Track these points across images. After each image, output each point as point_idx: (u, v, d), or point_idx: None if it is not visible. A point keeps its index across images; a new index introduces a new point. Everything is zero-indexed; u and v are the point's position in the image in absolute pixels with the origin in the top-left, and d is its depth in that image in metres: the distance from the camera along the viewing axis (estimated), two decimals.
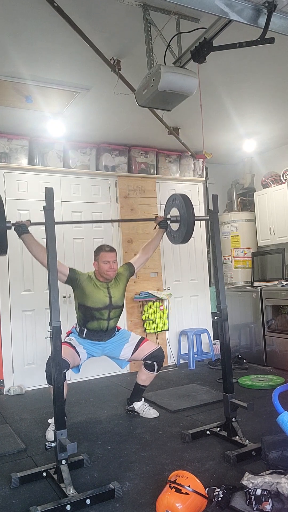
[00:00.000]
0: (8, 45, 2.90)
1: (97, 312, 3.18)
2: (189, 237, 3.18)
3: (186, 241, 3.22)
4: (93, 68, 3.24)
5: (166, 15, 2.63)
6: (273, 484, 2.01)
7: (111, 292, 3.24)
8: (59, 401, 2.32)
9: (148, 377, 3.39)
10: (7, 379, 4.37)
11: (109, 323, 3.25)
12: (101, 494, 2.14)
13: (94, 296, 3.18)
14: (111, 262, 3.19)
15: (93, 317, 3.19)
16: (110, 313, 3.23)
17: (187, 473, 2.05)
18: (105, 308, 3.20)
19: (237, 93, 3.88)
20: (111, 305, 3.22)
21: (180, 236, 3.21)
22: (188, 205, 3.10)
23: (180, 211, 3.18)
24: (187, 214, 3.08)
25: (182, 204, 3.13)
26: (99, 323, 3.21)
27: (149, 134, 4.82)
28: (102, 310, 3.19)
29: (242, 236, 5.89)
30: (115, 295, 3.26)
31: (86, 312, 3.20)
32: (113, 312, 3.25)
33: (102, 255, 3.20)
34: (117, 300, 3.26)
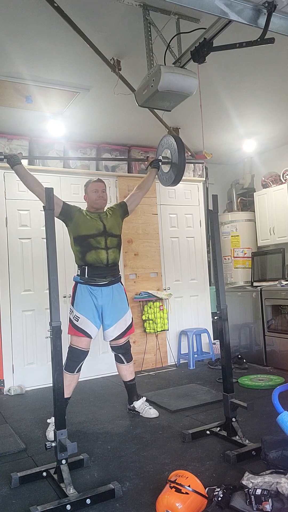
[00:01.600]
0: (8, 45, 2.91)
1: (93, 240, 3.14)
2: (179, 179, 3.22)
3: (177, 183, 3.28)
4: (93, 68, 3.24)
5: (166, 15, 2.63)
6: (273, 484, 2.02)
7: (104, 220, 3.24)
8: (59, 401, 2.32)
9: (126, 370, 3.39)
10: (7, 379, 4.37)
11: (108, 254, 3.18)
12: (101, 494, 2.14)
13: (87, 224, 3.18)
14: (100, 191, 3.26)
15: (90, 246, 3.14)
16: (107, 241, 3.18)
17: (187, 473, 2.05)
18: (100, 234, 3.17)
19: (237, 93, 3.89)
20: (106, 232, 3.19)
21: (170, 177, 3.27)
22: (180, 146, 3.14)
23: (172, 152, 3.22)
24: (179, 155, 3.12)
25: (173, 146, 3.17)
26: (98, 253, 3.15)
27: (149, 134, 4.82)
28: (97, 237, 3.15)
29: (242, 236, 5.90)
30: (109, 223, 3.24)
31: (82, 242, 3.16)
32: (110, 241, 3.20)
33: (91, 185, 3.28)
34: (111, 227, 3.23)
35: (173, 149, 3.19)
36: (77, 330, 3.14)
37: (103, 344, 4.73)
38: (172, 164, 3.23)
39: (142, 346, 4.95)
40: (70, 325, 3.19)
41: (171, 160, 3.25)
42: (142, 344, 4.96)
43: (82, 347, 3.13)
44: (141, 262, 5.11)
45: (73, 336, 3.17)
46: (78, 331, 3.13)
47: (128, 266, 5.00)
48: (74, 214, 3.20)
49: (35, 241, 4.56)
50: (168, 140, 3.30)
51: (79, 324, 3.14)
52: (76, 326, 3.14)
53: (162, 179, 3.44)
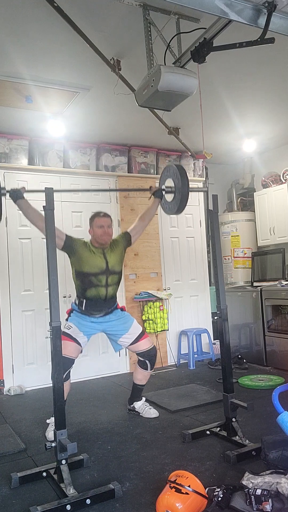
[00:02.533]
0: (8, 45, 2.91)
1: (94, 278, 3.14)
2: (183, 207, 3.20)
3: (181, 211, 3.25)
4: (93, 68, 3.24)
5: (166, 15, 2.63)
6: (273, 484, 2.02)
7: (107, 257, 3.22)
8: (59, 401, 2.32)
9: (144, 376, 3.41)
10: (7, 379, 4.37)
11: (108, 290, 3.20)
12: (101, 494, 2.14)
13: (90, 261, 3.16)
14: (106, 226, 3.19)
15: (91, 284, 3.15)
16: (108, 279, 3.19)
17: (187, 473, 2.05)
18: (102, 273, 3.16)
19: (237, 93, 3.88)
20: (108, 270, 3.19)
21: (174, 206, 3.24)
22: (183, 175, 3.12)
23: (175, 181, 3.19)
24: (182, 184, 3.10)
25: (176, 174, 3.14)
26: (98, 290, 3.16)
27: (149, 134, 4.82)
28: (99, 275, 3.15)
29: (242, 236, 5.89)
30: (112, 260, 3.22)
31: (83, 279, 3.16)
32: (111, 278, 3.21)
33: (97, 220, 3.21)
34: (114, 265, 3.23)
35: (176, 178, 3.17)
36: (66, 336, 3.08)
37: (103, 344, 4.73)
38: (175, 193, 3.21)
39: None
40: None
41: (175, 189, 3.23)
42: None
43: (67, 354, 2.97)
44: (141, 262, 5.11)
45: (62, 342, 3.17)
46: (67, 337, 3.09)
47: (128, 266, 5.00)
48: (78, 249, 3.17)
49: (35, 241, 4.56)
50: (170, 169, 3.28)
51: (70, 332, 3.14)
52: (66, 333, 3.11)
53: (165, 208, 3.42)
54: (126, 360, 4.94)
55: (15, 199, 2.92)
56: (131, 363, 4.87)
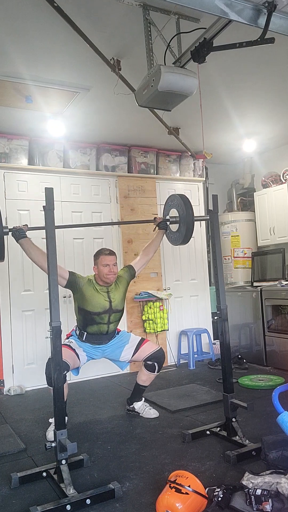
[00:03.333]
0: (8, 45, 2.90)
1: (97, 317, 3.16)
2: (189, 238, 3.15)
3: (186, 242, 3.19)
4: (93, 68, 3.24)
5: (166, 15, 2.63)
6: (273, 484, 2.02)
7: (111, 296, 3.22)
8: (59, 401, 2.32)
9: (149, 378, 3.40)
10: (7, 379, 4.37)
11: (109, 327, 3.23)
12: (101, 494, 2.14)
13: (94, 300, 3.15)
14: (111, 265, 3.16)
15: (93, 321, 3.17)
16: (110, 317, 3.21)
17: (187, 473, 2.05)
18: (105, 312, 3.18)
19: (237, 93, 3.88)
20: (111, 310, 3.20)
21: (179, 237, 3.19)
22: (187, 205, 3.07)
23: (179, 211, 3.15)
24: (186, 214, 3.05)
25: (181, 205, 3.10)
26: (99, 327, 3.19)
27: (149, 134, 4.82)
28: (102, 314, 3.17)
29: (242, 236, 5.89)
30: (115, 298, 3.23)
31: (86, 316, 3.18)
32: (113, 316, 3.23)
33: (102, 258, 3.17)
34: (117, 304, 3.24)
35: (180, 209, 3.13)
36: (66, 345, 3.11)
37: None
38: (180, 224, 3.16)
39: None
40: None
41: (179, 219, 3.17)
42: None
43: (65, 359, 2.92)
44: None
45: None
46: (67, 346, 3.12)
47: None
48: (82, 286, 3.15)
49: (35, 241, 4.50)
50: (174, 199, 3.24)
51: (71, 345, 3.18)
52: (67, 344, 3.15)
53: (170, 238, 3.38)
54: None
55: (17, 238, 2.89)
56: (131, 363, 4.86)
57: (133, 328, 4.87)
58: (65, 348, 3.02)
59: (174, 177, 5.45)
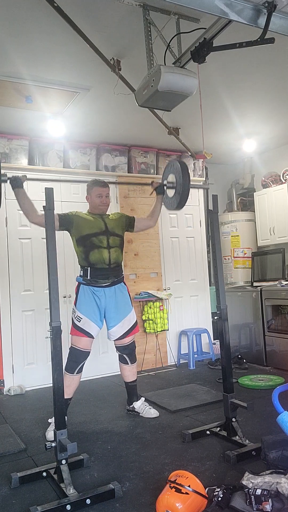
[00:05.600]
0: (8, 45, 2.91)
1: (95, 239, 3.17)
2: (183, 203, 3.21)
3: (181, 207, 3.25)
4: (93, 68, 3.24)
5: (166, 15, 2.63)
6: (273, 484, 2.01)
7: (106, 221, 3.27)
8: (59, 401, 2.32)
9: (129, 371, 3.40)
10: (7, 379, 4.37)
11: (110, 253, 3.21)
12: (101, 494, 2.14)
13: (89, 223, 3.20)
14: (104, 196, 3.24)
15: (93, 245, 3.17)
16: (109, 240, 3.21)
17: (187, 473, 2.05)
18: (103, 233, 3.20)
19: (237, 93, 3.88)
20: (108, 231, 3.22)
21: (175, 201, 3.26)
22: (185, 171, 3.13)
23: (176, 177, 3.21)
24: (183, 180, 3.12)
25: (178, 171, 3.16)
26: (100, 252, 3.17)
27: (149, 134, 4.82)
28: (99, 235, 3.18)
29: (242, 236, 5.90)
30: (111, 223, 3.27)
31: (85, 242, 3.18)
32: (112, 240, 3.23)
33: (95, 189, 3.24)
34: (113, 227, 3.26)
35: (178, 174, 3.20)
36: (79, 330, 3.15)
37: (103, 344, 4.73)
38: (176, 189, 3.24)
39: (142, 346, 4.94)
40: (72, 325, 3.20)
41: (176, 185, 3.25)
42: (142, 344, 4.95)
43: (81, 347, 3.13)
44: (141, 262, 5.11)
45: (74, 336, 3.18)
46: (80, 332, 3.15)
47: (128, 266, 5.00)
48: (73, 220, 3.21)
49: (35, 241, 4.56)
50: (173, 165, 3.31)
51: (81, 325, 3.15)
52: (78, 327, 3.15)
53: (166, 203, 3.45)
54: None
55: (14, 187, 2.96)
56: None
57: None
58: (78, 337, 3.12)
59: None
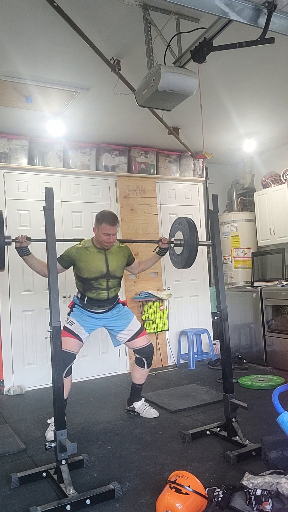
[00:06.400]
0: (8, 45, 2.90)
1: (94, 282, 3.13)
2: (191, 263, 3.18)
3: (188, 267, 3.23)
4: (93, 68, 3.24)
5: (166, 15, 2.63)
6: (273, 484, 2.01)
7: (109, 258, 3.19)
8: (59, 401, 2.32)
9: (141, 375, 3.39)
10: (7, 379, 4.37)
11: (109, 293, 3.20)
12: (101, 494, 2.14)
13: (90, 264, 3.12)
14: (111, 235, 3.13)
15: (92, 287, 3.15)
16: (109, 283, 3.18)
17: (187, 473, 2.05)
18: (103, 277, 3.15)
19: (237, 93, 3.88)
20: (108, 274, 3.17)
21: (182, 260, 3.23)
22: (193, 230, 3.10)
23: (185, 235, 3.18)
24: (191, 239, 3.10)
25: (186, 230, 3.14)
26: (98, 293, 3.16)
27: (149, 134, 4.82)
28: (99, 279, 3.14)
29: (242, 236, 5.89)
30: (113, 263, 3.20)
31: (84, 282, 3.16)
32: (112, 282, 3.20)
33: (104, 226, 3.11)
34: (115, 269, 3.20)
35: (186, 233, 3.17)
36: (69, 332, 3.14)
37: (103, 344, 4.73)
38: (184, 248, 3.20)
39: None
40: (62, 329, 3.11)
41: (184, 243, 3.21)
42: None
43: (69, 349, 3.06)
44: None
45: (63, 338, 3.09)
46: (70, 333, 3.13)
47: None
48: (75, 258, 3.13)
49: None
50: (181, 223, 3.26)
51: (73, 328, 3.16)
52: (68, 329, 3.15)
53: (173, 260, 3.40)
54: (126, 360, 4.94)
55: (21, 255, 2.97)
56: (131, 363, 4.86)
57: None
58: (67, 338, 3.08)
59: (174, 177, 5.45)
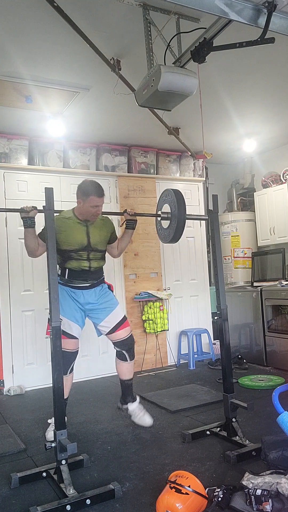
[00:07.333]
0: (8, 45, 2.90)
1: (74, 254, 2.95)
2: (178, 237, 2.96)
3: (176, 241, 3.01)
4: (93, 68, 3.24)
5: (166, 15, 2.63)
6: (273, 484, 2.01)
7: (90, 231, 2.99)
8: (59, 401, 2.32)
9: (126, 369, 3.16)
10: (7, 379, 4.37)
11: (91, 263, 3.00)
12: (101, 494, 2.14)
13: (71, 236, 2.93)
14: (100, 206, 2.93)
15: (71, 258, 2.96)
16: (90, 255, 2.99)
17: (187, 473, 2.05)
18: (83, 249, 2.96)
19: (237, 93, 3.88)
20: (89, 247, 2.98)
21: (169, 234, 3.03)
22: (180, 202, 2.89)
23: (172, 208, 2.96)
24: (178, 211, 2.86)
25: (173, 201, 2.93)
26: (79, 263, 2.97)
27: (149, 134, 4.82)
28: (79, 251, 2.96)
29: (242, 236, 5.90)
30: (95, 236, 3.00)
31: (63, 254, 2.96)
32: (93, 254, 3.01)
33: (92, 199, 2.89)
34: (96, 243, 3.01)
35: (173, 205, 2.94)
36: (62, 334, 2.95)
37: (103, 344, 4.72)
38: (171, 220, 2.97)
39: (142, 346, 4.94)
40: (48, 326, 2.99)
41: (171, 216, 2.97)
42: (142, 344, 4.95)
43: (69, 349, 2.95)
44: (141, 262, 5.11)
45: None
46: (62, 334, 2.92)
47: (128, 266, 5.00)
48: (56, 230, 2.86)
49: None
50: (168, 194, 3.04)
51: (64, 328, 2.87)
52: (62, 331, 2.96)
53: (161, 235, 3.18)
54: None
55: (26, 226, 2.84)
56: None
57: (133, 328, 4.85)
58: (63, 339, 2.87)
59: (174, 177, 5.44)
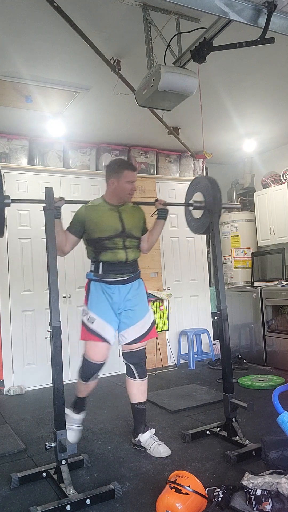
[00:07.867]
0: (8, 45, 2.90)
1: (109, 242, 2.63)
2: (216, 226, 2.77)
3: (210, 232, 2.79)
4: (93, 68, 3.24)
5: (166, 15, 2.63)
6: (273, 484, 2.01)
7: (124, 216, 2.71)
8: (59, 401, 2.31)
9: (137, 389, 2.76)
10: (7, 379, 4.37)
11: (127, 253, 2.69)
12: (101, 494, 2.14)
13: (102, 222, 2.65)
14: (135, 181, 2.70)
15: (106, 247, 2.64)
16: (126, 242, 2.68)
17: (187, 473, 2.05)
18: (118, 236, 2.65)
19: (237, 93, 3.88)
20: (124, 233, 2.67)
21: (203, 225, 2.83)
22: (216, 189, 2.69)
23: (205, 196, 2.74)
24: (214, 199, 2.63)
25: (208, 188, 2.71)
26: (115, 253, 2.64)
27: (149, 134, 4.82)
28: (114, 238, 2.64)
29: (242, 236, 5.89)
30: (128, 222, 2.71)
31: (96, 244, 2.66)
32: (129, 242, 2.70)
33: (126, 174, 2.66)
34: (131, 228, 2.70)
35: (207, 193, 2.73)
36: (93, 334, 2.63)
37: None
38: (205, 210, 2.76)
39: None
40: (83, 329, 2.70)
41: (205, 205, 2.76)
42: None
43: (97, 360, 2.63)
44: (141, 262, 5.02)
45: (88, 342, 2.67)
46: (94, 335, 2.63)
47: None
48: (85, 218, 2.68)
49: (35, 241, 4.55)
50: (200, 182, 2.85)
51: (95, 328, 2.63)
52: (91, 330, 2.64)
53: (192, 226, 2.98)
54: None
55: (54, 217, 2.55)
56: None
57: None
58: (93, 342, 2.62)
59: (174, 177, 5.44)
